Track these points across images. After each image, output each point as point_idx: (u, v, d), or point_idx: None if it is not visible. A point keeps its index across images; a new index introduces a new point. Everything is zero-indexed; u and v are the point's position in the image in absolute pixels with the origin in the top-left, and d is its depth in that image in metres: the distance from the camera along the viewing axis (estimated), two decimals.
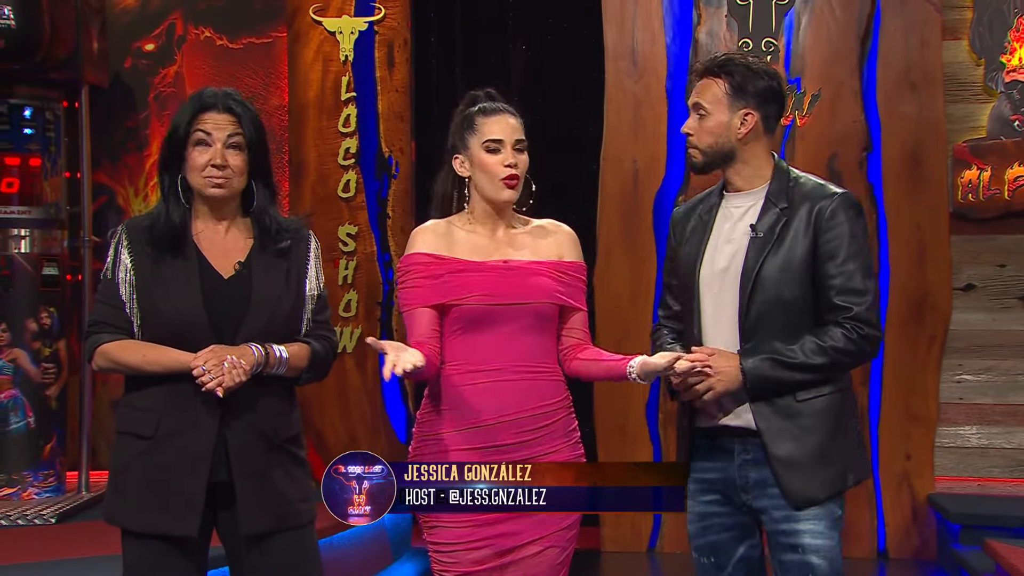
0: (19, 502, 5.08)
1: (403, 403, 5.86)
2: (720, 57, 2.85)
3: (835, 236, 2.74)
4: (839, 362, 2.74)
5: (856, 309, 2.73)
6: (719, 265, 2.79)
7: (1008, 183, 5.53)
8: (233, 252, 2.77)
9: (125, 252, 2.73)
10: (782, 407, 2.73)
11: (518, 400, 2.75)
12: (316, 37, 5.87)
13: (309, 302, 2.82)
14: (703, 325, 2.80)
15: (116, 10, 6.28)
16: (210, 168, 2.71)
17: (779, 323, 2.73)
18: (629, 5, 5.67)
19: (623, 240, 5.63)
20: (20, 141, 5.31)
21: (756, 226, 2.77)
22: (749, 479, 2.77)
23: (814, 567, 2.72)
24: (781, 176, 2.83)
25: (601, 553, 5.63)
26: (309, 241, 2.87)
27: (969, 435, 5.74)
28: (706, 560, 2.85)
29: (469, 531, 2.73)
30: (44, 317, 5.32)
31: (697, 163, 2.84)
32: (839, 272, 2.73)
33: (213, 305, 2.69)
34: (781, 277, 2.73)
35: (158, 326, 2.69)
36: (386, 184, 5.87)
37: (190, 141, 2.72)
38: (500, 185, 2.79)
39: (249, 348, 2.66)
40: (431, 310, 2.77)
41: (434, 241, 2.81)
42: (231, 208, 2.79)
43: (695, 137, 2.83)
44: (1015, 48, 5.61)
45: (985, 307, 5.74)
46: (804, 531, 2.73)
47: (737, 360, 2.71)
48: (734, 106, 2.80)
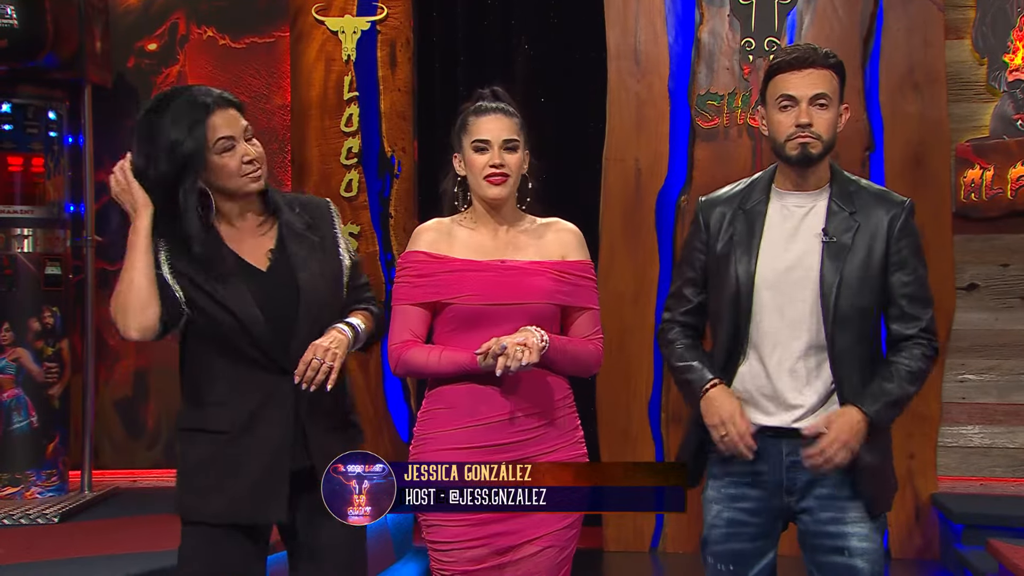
0: (22, 501, 5.08)
1: (405, 402, 5.85)
2: (822, 49, 2.78)
3: (906, 245, 2.75)
4: (923, 381, 2.79)
5: (926, 319, 2.76)
6: (783, 264, 2.75)
7: (1011, 182, 5.52)
8: (262, 242, 2.76)
9: (166, 268, 2.69)
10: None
11: (514, 399, 2.75)
12: (318, 37, 5.87)
13: (346, 272, 2.82)
14: (761, 323, 2.75)
15: (119, 10, 6.28)
16: (244, 166, 2.69)
17: (856, 329, 2.72)
18: (631, 5, 5.67)
19: (625, 239, 5.63)
20: (23, 141, 5.31)
21: (828, 230, 2.74)
22: (798, 480, 2.74)
23: (859, 570, 2.71)
24: (841, 179, 2.81)
25: (603, 553, 5.62)
26: (330, 210, 2.87)
27: (972, 435, 5.74)
28: (723, 567, 2.81)
29: (466, 530, 2.74)
30: (47, 316, 5.32)
31: (815, 154, 2.73)
32: (911, 281, 2.74)
33: (261, 299, 2.69)
34: (860, 284, 2.72)
35: (215, 335, 2.68)
36: (388, 184, 5.87)
37: (212, 150, 2.65)
38: (485, 184, 2.80)
39: (338, 329, 2.69)
40: (420, 308, 2.80)
41: (434, 240, 2.84)
42: (250, 200, 2.78)
43: (817, 127, 2.72)
44: (1018, 47, 5.60)
45: (988, 307, 5.73)
46: (852, 534, 2.72)
47: (855, 414, 2.68)
48: (840, 101, 2.78)
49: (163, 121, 2.63)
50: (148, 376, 6.34)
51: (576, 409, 2.89)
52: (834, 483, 2.73)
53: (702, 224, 2.87)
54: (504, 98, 2.88)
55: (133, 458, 6.28)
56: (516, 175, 2.82)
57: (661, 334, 2.96)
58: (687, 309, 2.90)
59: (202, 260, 2.67)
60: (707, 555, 2.84)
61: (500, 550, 2.75)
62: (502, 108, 2.84)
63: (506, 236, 2.86)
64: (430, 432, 2.83)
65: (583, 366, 2.86)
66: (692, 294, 2.89)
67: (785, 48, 2.89)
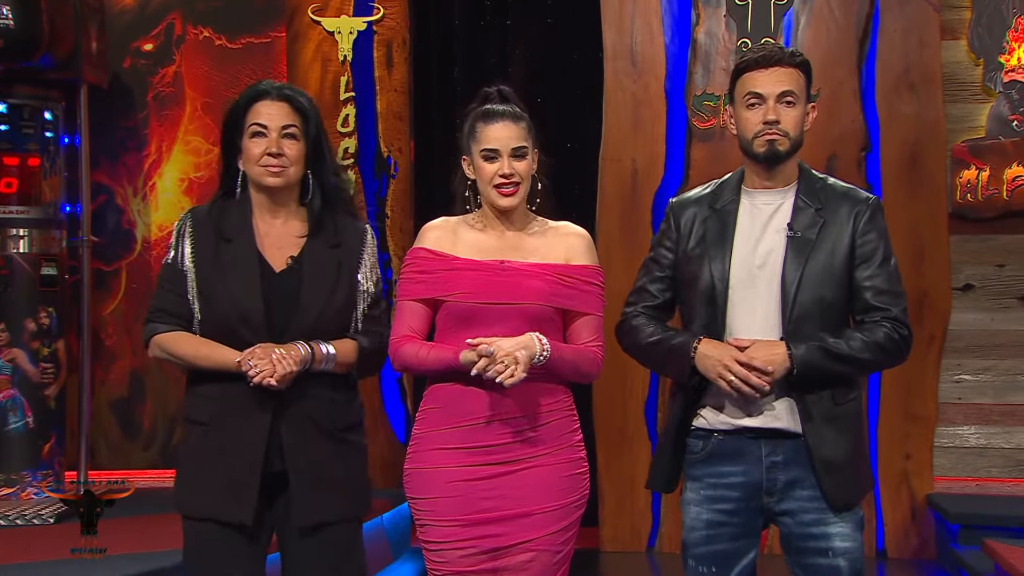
0: (18, 502, 5.07)
1: (401, 402, 5.85)
2: (788, 49, 2.81)
3: (872, 239, 2.76)
4: (880, 360, 2.77)
5: (894, 311, 2.75)
6: (753, 263, 2.76)
7: (1007, 183, 5.53)
8: (288, 244, 2.80)
9: (188, 241, 2.77)
10: (823, 410, 2.72)
11: (510, 399, 2.74)
12: (315, 37, 5.87)
13: (362, 298, 2.84)
14: (731, 322, 2.76)
15: (115, 10, 6.27)
16: (266, 157, 2.74)
17: (818, 324, 2.72)
18: (628, 5, 5.67)
19: (622, 239, 5.63)
20: (19, 141, 5.30)
21: (793, 225, 2.76)
22: (777, 481, 2.75)
23: (841, 569, 2.72)
24: (807, 176, 2.83)
25: (600, 553, 5.63)
26: (364, 236, 2.89)
27: (968, 435, 5.75)
28: (705, 569, 2.80)
29: (456, 530, 2.74)
30: (43, 317, 5.31)
31: (782, 152, 2.75)
32: (876, 274, 2.75)
33: (266, 298, 2.72)
34: (823, 278, 2.73)
35: (215, 317, 2.73)
36: (385, 184, 5.87)
37: (246, 133, 2.76)
38: (495, 193, 2.80)
39: (295, 345, 2.69)
40: (421, 304, 2.81)
41: (439, 238, 2.84)
42: (288, 198, 2.82)
43: (785, 124, 2.75)
44: (1014, 48, 5.61)
45: (984, 307, 5.74)
46: (834, 534, 2.73)
47: (783, 348, 2.68)
48: (807, 100, 2.80)
49: (239, 96, 2.83)
50: (144, 377, 6.33)
51: (576, 412, 2.88)
52: (813, 484, 2.73)
53: (672, 224, 2.89)
54: (512, 98, 2.86)
55: (129, 459, 6.28)
56: (527, 181, 2.83)
57: (624, 323, 2.94)
58: (651, 304, 2.91)
59: (223, 234, 2.75)
60: (688, 558, 2.83)
61: (491, 551, 2.74)
62: (510, 113, 2.83)
63: (512, 238, 2.85)
64: (423, 432, 2.82)
65: (583, 374, 2.85)
66: (657, 291, 2.91)
67: (752, 47, 2.90)
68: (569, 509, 2.81)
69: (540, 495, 2.76)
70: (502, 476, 2.74)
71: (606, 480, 5.58)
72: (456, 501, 2.74)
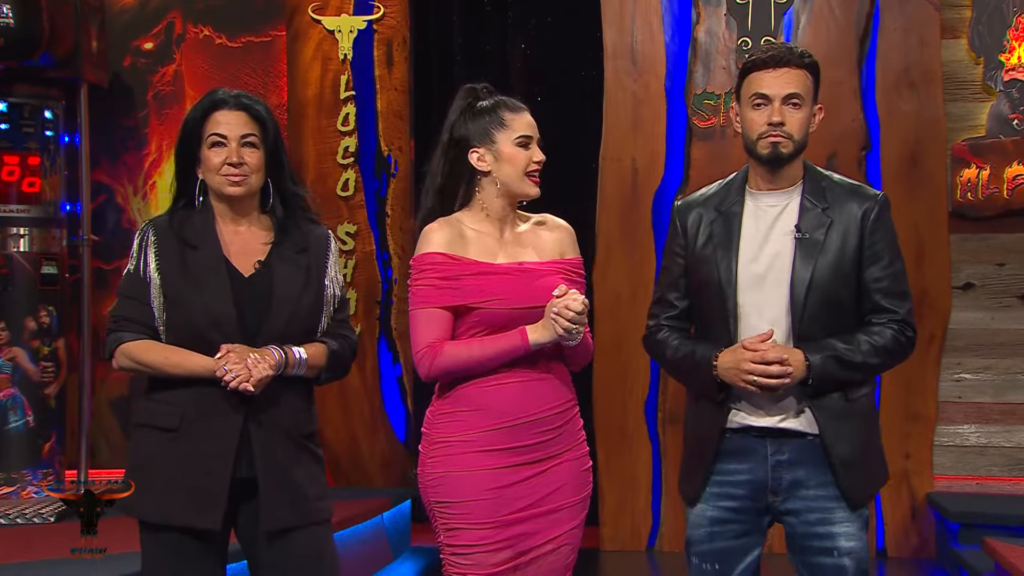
0: (18, 501, 5.07)
1: (402, 402, 5.85)
2: (797, 50, 2.79)
3: (880, 238, 2.75)
4: (888, 364, 2.77)
5: (902, 312, 2.75)
6: (761, 265, 2.75)
7: (1007, 182, 5.53)
8: (253, 250, 2.79)
9: (151, 252, 2.75)
10: (837, 408, 2.72)
11: (539, 400, 2.74)
12: (315, 36, 5.87)
13: (328, 301, 2.84)
14: (741, 326, 2.74)
15: (115, 9, 6.27)
16: (227, 167, 2.73)
17: (829, 325, 2.71)
18: (628, 4, 5.67)
19: (622, 239, 5.63)
20: (19, 140, 5.30)
21: (800, 227, 2.74)
22: (783, 480, 2.74)
23: (846, 568, 2.71)
24: (813, 175, 2.81)
25: (600, 552, 5.63)
26: (328, 241, 2.88)
27: (968, 434, 5.74)
28: (708, 567, 2.79)
29: (490, 532, 2.70)
30: (43, 316, 5.31)
31: (786, 154, 2.73)
32: (885, 275, 2.74)
33: (237, 303, 2.72)
34: (832, 279, 2.71)
35: (185, 324, 2.71)
36: (385, 183, 5.87)
37: (205, 143, 2.75)
38: (528, 181, 2.77)
39: (269, 350, 2.69)
40: (445, 311, 2.72)
41: (448, 240, 2.75)
42: (249, 206, 2.82)
43: (790, 127, 2.73)
44: (1014, 47, 5.61)
45: (984, 306, 5.74)
46: (840, 534, 2.72)
47: (801, 355, 2.67)
48: (814, 101, 2.78)
49: (194, 106, 2.81)
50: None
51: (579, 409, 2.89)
52: (819, 483, 2.73)
53: (679, 227, 2.88)
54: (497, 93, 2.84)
55: None
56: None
57: (649, 336, 2.94)
58: (673, 314, 2.89)
59: (187, 243, 2.74)
60: (691, 555, 2.83)
61: (522, 552, 2.72)
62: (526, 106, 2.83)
63: (509, 236, 2.82)
64: (456, 435, 2.74)
65: (586, 357, 2.86)
66: (676, 299, 2.89)
67: (761, 46, 2.88)
68: (585, 503, 2.82)
69: (565, 491, 2.76)
70: (535, 476, 2.73)
71: (606, 479, 5.57)
72: (492, 503, 2.70)
